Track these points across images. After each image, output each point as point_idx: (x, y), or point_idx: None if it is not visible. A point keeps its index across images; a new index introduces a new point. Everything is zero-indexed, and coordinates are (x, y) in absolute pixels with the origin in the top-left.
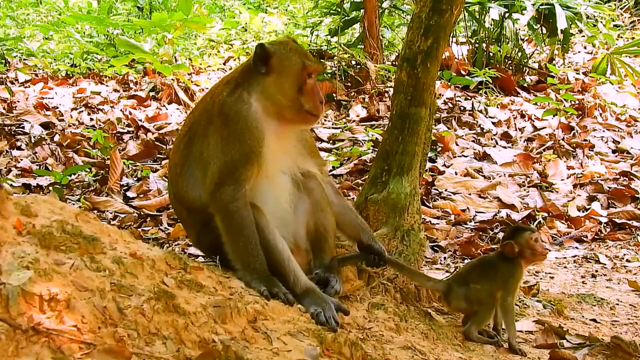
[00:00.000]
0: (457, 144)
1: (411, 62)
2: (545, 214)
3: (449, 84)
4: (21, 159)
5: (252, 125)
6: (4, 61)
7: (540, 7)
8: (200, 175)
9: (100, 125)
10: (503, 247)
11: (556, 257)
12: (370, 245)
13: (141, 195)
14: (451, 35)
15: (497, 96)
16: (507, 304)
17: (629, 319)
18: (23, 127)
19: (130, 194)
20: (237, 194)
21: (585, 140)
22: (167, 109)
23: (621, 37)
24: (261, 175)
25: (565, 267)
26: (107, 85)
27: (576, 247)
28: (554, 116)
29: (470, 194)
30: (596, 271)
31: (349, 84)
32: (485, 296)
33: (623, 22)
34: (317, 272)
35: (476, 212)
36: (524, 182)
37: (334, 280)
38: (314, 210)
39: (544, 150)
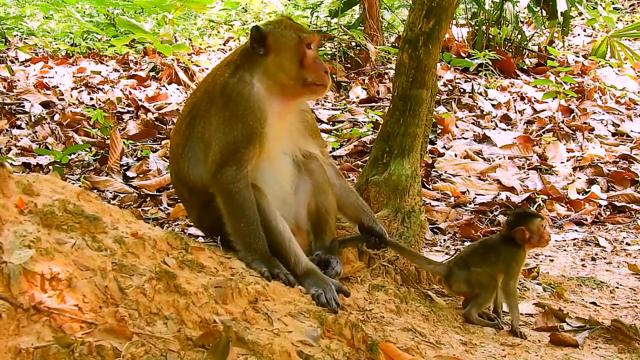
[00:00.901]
0: (457, 126)
1: (413, 44)
2: (545, 197)
3: (449, 66)
4: (21, 138)
5: (255, 106)
6: (4, 40)
7: None
8: (201, 156)
9: (100, 104)
10: (514, 233)
11: (556, 240)
12: (371, 227)
13: (141, 175)
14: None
15: (496, 78)
16: (509, 288)
17: (628, 302)
18: (23, 106)
19: (130, 173)
20: (239, 174)
21: (585, 123)
22: (167, 89)
23: (621, 20)
24: (262, 156)
25: (565, 250)
26: (107, 65)
27: (576, 230)
28: (553, 99)
29: (470, 176)
30: (596, 254)
31: (349, 66)
32: (486, 279)
33: (623, 5)
34: (318, 254)
35: (476, 194)
36: (523, 164)
37: (334, 261)
38: (315, 192)
39: (543, 132)
